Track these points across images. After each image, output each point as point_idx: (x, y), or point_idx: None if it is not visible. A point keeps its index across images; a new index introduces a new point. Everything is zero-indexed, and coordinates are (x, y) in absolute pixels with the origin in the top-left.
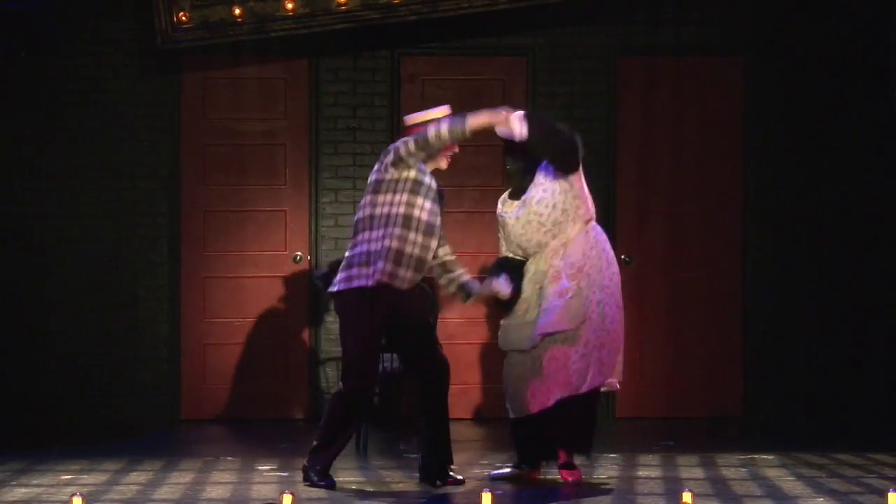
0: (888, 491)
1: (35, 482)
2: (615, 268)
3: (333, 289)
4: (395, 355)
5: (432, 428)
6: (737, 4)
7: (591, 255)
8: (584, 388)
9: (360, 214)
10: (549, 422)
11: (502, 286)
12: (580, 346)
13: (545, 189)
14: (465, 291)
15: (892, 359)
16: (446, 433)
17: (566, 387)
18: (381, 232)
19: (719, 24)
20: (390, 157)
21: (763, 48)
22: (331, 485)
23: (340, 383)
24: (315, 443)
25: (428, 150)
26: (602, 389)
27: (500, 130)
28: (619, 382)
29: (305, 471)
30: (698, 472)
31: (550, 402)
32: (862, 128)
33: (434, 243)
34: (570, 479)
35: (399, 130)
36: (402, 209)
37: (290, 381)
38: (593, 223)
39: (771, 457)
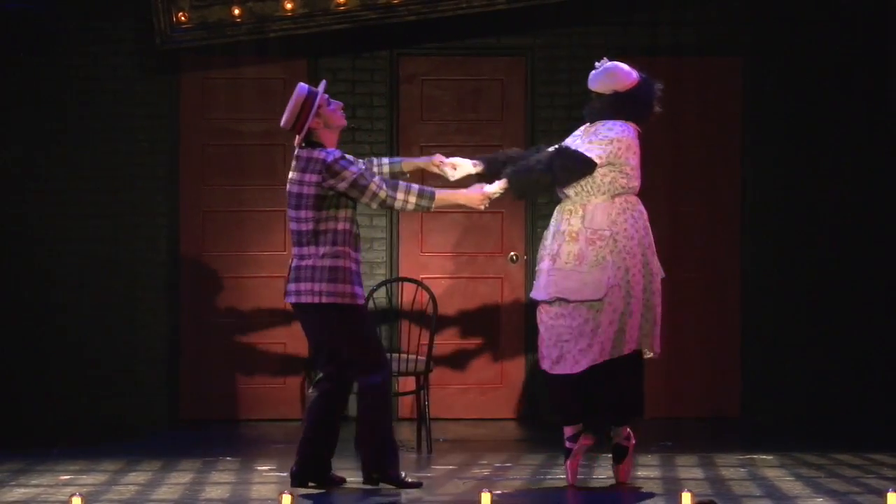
0: (887, 491)
1: (34, 482)
2: (650, 238)
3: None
4: (393, 356)
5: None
6: (735, 5)
7: (620, 220)
8: (616, 355)
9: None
10: (589, 386)
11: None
12: (608, 314)
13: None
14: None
15: (890, 359)
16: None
17: (599, 354)
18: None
19: (718, 25)
20: (341, 183)
21: (761, 48)
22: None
23: (371, 377)
24: (386, 447)
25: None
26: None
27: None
28: (657, 353)
29: (396, 478)
30: (697, 473)
31: (578, 370)
32: (861, 128)
33: None
34: (623, 478)
35: (398, 130)
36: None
37: (290, 381)
38: (628, 198)
39: (770, 457)
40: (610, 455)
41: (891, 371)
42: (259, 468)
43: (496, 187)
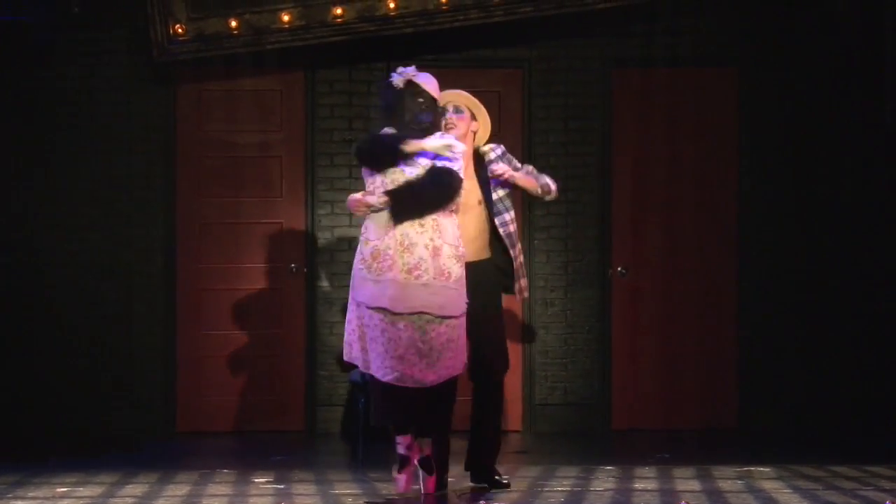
0: (884, 503)
1: (31, 495)
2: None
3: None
4: None
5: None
6: (731, 16)
7: (458, 235)
8: (459, 372)
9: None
10: (423, 398)
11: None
12: (463, 329)
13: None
14: None
15: (887, 371)
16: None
17: (453, 369)
18: None
19: (714, 36)
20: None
21: (757, 59)
22: None
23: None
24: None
25: None
26: None
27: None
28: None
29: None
30: (694, 485)
31: (441, 380)
32: (857, 138)
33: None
34: (433, 488)
35: None
36: None
37: (287, 393)
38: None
39: (767, 469)
40: (609, 467)
41: (888, 383)
42: (256, 480)
43: (376, 200)
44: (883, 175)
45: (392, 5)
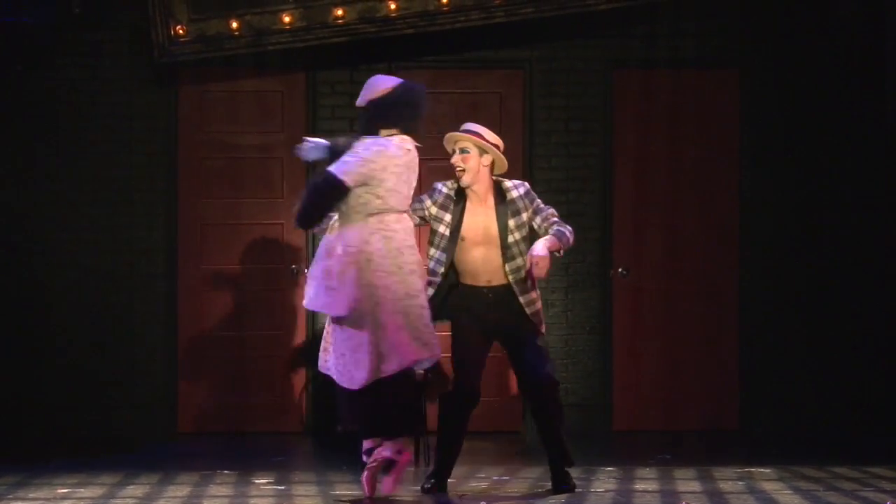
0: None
1: (32, 496)
2: (409, 258)
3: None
4: None
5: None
6: (732, 17)
7: (373, 240)
8: (381, 375)
9: None
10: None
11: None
12: (368, 333)
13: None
14: None
15: (888, 372)
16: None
17: (369, 373)
18: None
19: (715, 37)
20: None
21: (759, 60)
22: None
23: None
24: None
25: None
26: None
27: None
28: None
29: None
30: (695, 486)
31: (355, 386)
32: (858, 139)
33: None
34: (387, 489)
35: None
36: None
37: (287, 394)
38: (382, 217)
39: (768, 470)
40: (610, 468)
41: (889, 384)
42: (257, 481)
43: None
44: (884, 175)
45: (393, 6)
